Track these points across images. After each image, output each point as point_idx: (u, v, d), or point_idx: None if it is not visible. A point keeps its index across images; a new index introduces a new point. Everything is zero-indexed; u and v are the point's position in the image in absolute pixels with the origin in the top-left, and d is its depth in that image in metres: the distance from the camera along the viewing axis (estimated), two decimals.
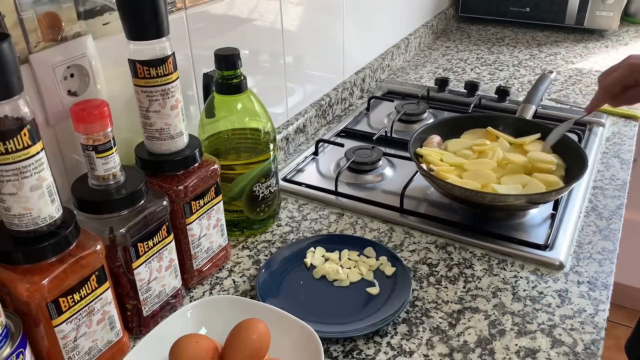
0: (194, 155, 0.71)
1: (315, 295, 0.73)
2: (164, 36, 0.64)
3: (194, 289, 0.76)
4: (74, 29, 0.65)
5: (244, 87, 0.79)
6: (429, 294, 0.74)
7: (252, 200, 0.83)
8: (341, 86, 1.28)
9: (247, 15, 0.93)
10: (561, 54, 1.59)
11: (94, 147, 0.60)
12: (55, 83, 0.63)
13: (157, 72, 0.65)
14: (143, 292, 0.66)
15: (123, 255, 0.63)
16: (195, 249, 0.74)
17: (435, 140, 0.97)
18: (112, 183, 0.63)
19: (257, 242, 0.85)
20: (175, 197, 0.69)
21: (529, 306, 0.71)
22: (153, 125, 0.68)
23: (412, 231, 0.86)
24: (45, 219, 0.54)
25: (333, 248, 0.81)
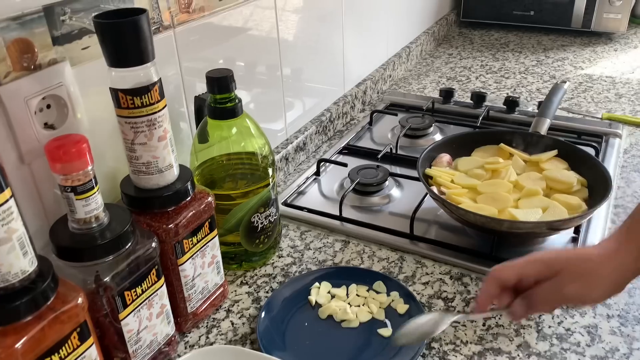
0: (186, 188, 0.65)
1: (322, 339, 0.66)
2: (149, 61, 0.58)
3: (189, 333, 0.70)
4: (49, 56, 0.59)
5: (238, 111, 0.73)
6: (447, 333, 0.67)
7: (251, 232, 0.77)
8: (342, 99, 1.22)
9: (241, 24, 0.87)
10: (569, 59, 1.53)
11: (73, 188, 0.54)
12: (28, 116, 0.57)
13: (142, 102, 0.58)
14: (132, 344, 0.60)
15: (108, 305, 0.57)
16: (188, 291, 0.67)
17: (444, 159, 0.90)
18: (95, 226, 0.56)
19: (256, 276, 0.79)
20: (166, 236, 0.63)
21: (555, 345, 0.65)
22: (139, 159, 0.61)
23: (424, 260, 0.80)
24: (16, 274, 0.48)
25: (340, 283, 0.74)
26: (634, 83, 1.35)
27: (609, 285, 0.57)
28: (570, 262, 0.58)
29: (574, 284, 0.56)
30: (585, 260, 0.58)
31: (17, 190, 0.59)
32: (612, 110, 1.21)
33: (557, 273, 0.57)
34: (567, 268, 0.57)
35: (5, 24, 0.54)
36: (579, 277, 0.57)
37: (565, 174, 0.83)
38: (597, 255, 0.58)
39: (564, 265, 0.57)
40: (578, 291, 0.57)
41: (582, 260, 0.58)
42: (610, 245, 0.58)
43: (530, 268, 0.59)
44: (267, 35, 0.94)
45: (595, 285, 0.57)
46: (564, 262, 0.58)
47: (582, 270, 0.57)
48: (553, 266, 0.58)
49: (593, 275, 0.57)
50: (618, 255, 0.57)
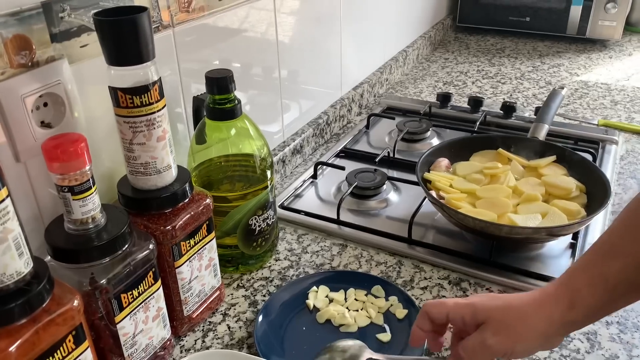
0: (184, 190, 0.64)
1: (320, 343, 0.65)
2: (149, 60, 0.57)
3: (185, 337, 0.69)
4: (47, 53, 0.58)
5: (238, 112, 0.72)
6: (446, 339, 0.67)
7: (248, 235, 0.76)
8: (339, 102, 1.21)
9: (239, 25, 0.87)
10: (564, 65, 1.54)
11: (70, 188, 0.53)
12: (25, 114, 0.56)
13: (142, 101, 0.57)
14: (128, 348, 0.59)
15: (104, 307, 0.56)
16: (185, 294, 0.66)
17: (443, 163, 0.90)
18: (92, 227, 0.55)
19: (253, 279, 0.78)
20: (163, 238, 0.62)
21: (555, 352, 0.65)
22: (137, 159, 0.60)
23: (423, 264, 0.79)
24: (11, 275, 0.47)
25: (338, 287, 0.74)
26: (629, 90, 1.36)
27: (536, 339, 0.52)
28: (495, 312, 0.53)
29: (497, 337, 0.52)
30: (510, 310, 0.53)
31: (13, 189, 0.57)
32: (608, 117, 1.22)
33: (482, 322, 0.53)
34: (491, 317, 0.53)
35: (3, 20, 0.53)
36: (502, 329, 0.52)
37: (564, 179, 0.83)
38: (525, 304, 0.53)
39: (489, 315, 0.53)
40: (501, 344, 0.52)
41: (506, 309, 0.53)
42: (543, 293, 0.53)
43: (457, 312, 0.55)
44: (265, 36, 0.94)
45: (520, 337, 0.52)
46: (488, 312, 0.53)
47: (505, 320, 0.53)
48: (477, 315, 0.54)
49: (517, 326, 0.52)
50: (547, 305, 0.52)
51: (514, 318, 0.53)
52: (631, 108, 1.26)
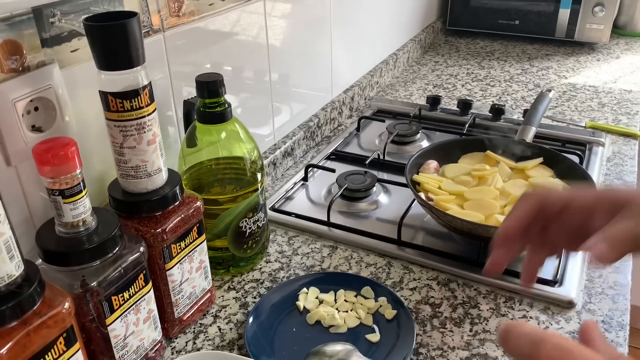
0: (174, 193, 0.65)
1: (310, 344, 0.66)
2: (139, 65, 0.58)
3: (176, 339, 0.69)
4: (38, 58, 0.58)
5: (228, 116, 0.73)
6: (434, 339, 0.68)
7: (239, 237, 0.77)
8: (330, 105, 1.22)
9: (230, 29, 0.87)
10: (553, 67, 1.55)
11: (61, 192, 0.53)
12: (16, 119, 0.57)
13: (132, 105, 0.58)
14: (119, 350, 0.59)
15: (95, 310, 0.56)
16: (176, 296, 0.67)
17: (432, 165, 0.91)
18: (82, 230, 0.56)
19: (244, 281, 0.79)
20: (154, 241, 0.62)
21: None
22: (128, 163, 0.61)
23: (412, 266, 0.80)
24: (2, 278, 0.47)
25: (328, 288, 0.74)
26: (616, 92, 1.37)
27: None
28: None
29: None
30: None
31: (3, 193, 0.58)
32: (595, 119, 1.23)
33: (623, 208, 0.47)
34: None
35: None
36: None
37: (551, 181, 0.84)
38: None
39: (634, 198, 0.47)
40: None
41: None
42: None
43: (585, 198, 0.50)
44: (256, 40, 0.94)
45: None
46: (632, 196, 0.48)
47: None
48: (618, 200, 0.48)
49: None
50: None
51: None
52: (618, 110, 1.27)
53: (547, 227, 0.55)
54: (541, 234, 0.55)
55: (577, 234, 0.52)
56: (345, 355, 0.63)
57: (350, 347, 0.64)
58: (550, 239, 0.55)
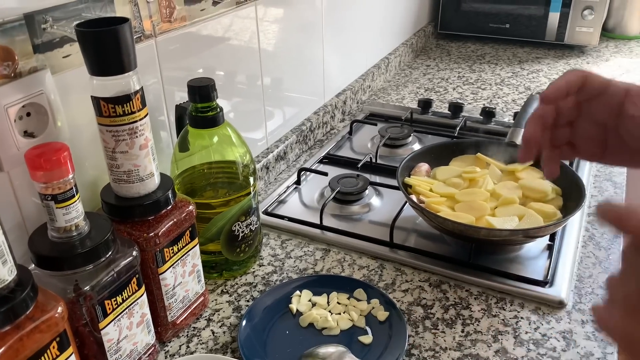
0: (167, 197, 0.65)
1: (303, 346, 0.66)
2: (131, 70, 0.58)
3: (169, 343, 0.69)
4: (30, 64, 0.59)
5: (220, 120, 0.73)
6: (426, 340, 0.68)
7: (232, 241, 0.77)
8: (322, 109, 1.23)
9: (222, 34, 0.88)
10: (543, 70, 1.57)
11: (53, 197, 0.54)
12: (8, 124, 0.57)
13: (124, 110, 0.58)
14: (112, 354, 0.60)
15: (88, 314, 0.57)
16: (169, 300, 0.67)
17: (423, 168, 0.92)
18: (75, 234, 0.56)
19: (237, 285, 0.79)
20: (146, 245, 0.62)
21: (532, 351, 0.66)
22: (120, 167, 0.61)
23: (404, 268, 0.81)
24: None
25: (320, 291, 0.75)
26: None
27: None
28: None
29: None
30: None
31: None
32: None
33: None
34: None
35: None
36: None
37: (541, 183, 0.85)
38: None
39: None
40: None
41: None
42: None
43: (620, 85, 0.53)
44: (248, 45, 0.95)
45: None
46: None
47: None
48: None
49: None
50: None
51: None
52: None
53: (575, 123, 0.57)
54: (564, 131, 0.57)
55: (601, 134, 0.55)
56: (338, 357, 0.64)
57: (343, 348, 0.65)
58: (576, 135, 0.58)
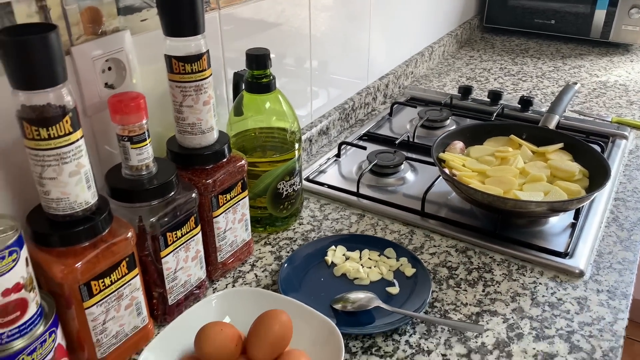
0: (223, 150, 0.73)
1: (336, 292, 0.74)
2: (200, 33, 0.66)
3: (217, 282, 0.78)
4: (114, 24, 0.67)
5: (272, 87, 0.81)
6: (448, 296, 0.75)
7: (276, 198, 0.85)
8: (365, 91, 1.29)
9: (274, 19, 0.95)
10: (585, 66, 1.59)
11: (129, 138, 0.62)
12: (94, 75, 0.66)
13: (192, 68, 0.67)
14: (169, 281, 0.68)
15: (152, 244, 0.65)
16: (220, 242, 0.75)
17: (458, 146, 0.97)
18: (145, 173, 0.65)
19: (279, 239, 0.87)
20: (204, 190, 0.71)
21: (547, 312, 0.72)
22: (185, 120, 0.70)
23: (433, 234, 0.87)
24: (81, 204, 0.57)
25: (354, 247, 0.82)
26: None
27: None
28: None
29: None
30: None
31: None
32: (623, 116, 1.27)
33: None
34: None
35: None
36: None
37: (569, 164, 0.90)
38: None
39: None
40: None
41: None
42: None
43: None
44: (298, 30, 1.02)
45: None
46: None
47: None
48: None
49: None
50: None
51: None
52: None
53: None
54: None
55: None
56: (367, 302, 0.71)
57: (371, 295, 0.71)
58: None
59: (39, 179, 0.54)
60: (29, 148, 0.53)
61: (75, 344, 0.60)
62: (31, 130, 0.52)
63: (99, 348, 0.61)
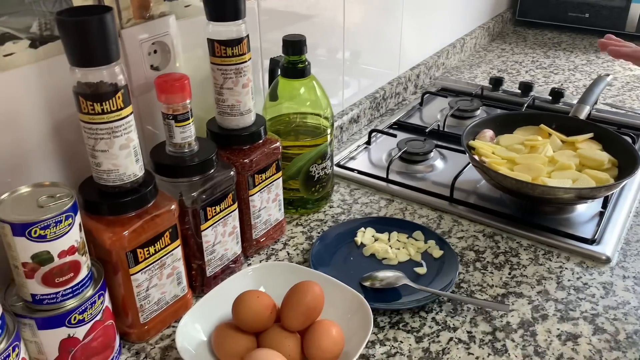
0: (260, 132, 0.76)
1: (365, 270, 0.76)
2: (241, 19, 0.69)
3: (252, 258, 0.81)
4: (160, 9, 0.71)
5: (307, 72, 0.84)
6: (475, 277, 0.77)
7: (308, 180, 0.88)
8: (396, 80, 1.31)
9: (308, 11, 0.98)
10: (620, 60, 1.57)
11: (174, 117, 0.66)
12: (141, 57, 0.70)
13: (233, 52, 0.70)
14: (208, 254, 0.72)
15: (193, 218, 0.69)
16: (255, 220, 0.79)
17: (488, 134, 0.99)
18: (187, 151, 0.68)
19: (310, 220, 0.90)
20: (241, 169, 0.74)
21: (572, 295, 0.73)
22: (225, 102, 0.73)
23: (461, 220, 0.89)
24: (130, 176, 0.60)
25: (383, 229, 0.84)
26: None
27: None
28: None
29: None
30: None
31: None
32: None
33: None
34: None
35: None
36: None
37: (598, 153, 0.90)
38: None
39: None
40: None
41: None
42: None
43: None
44: (331, 22, 1.05)
45: None
46: None
47: None
48: None
49: None
50: None
51: None
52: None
53: None
54: None
55: None
56: (395, 280, 0.73)
57: (399, 274, 0.74)
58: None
59: (92, 151, 0.58)
60: (83, 122, 0.57)
61: (120, 309, 0.64)
62: (86, 105, 0.56)
63: (142, 313, 0.65)
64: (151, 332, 0.67)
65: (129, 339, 0.67)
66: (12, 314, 0.55)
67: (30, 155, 0.62)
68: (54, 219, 0.52)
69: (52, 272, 0.54)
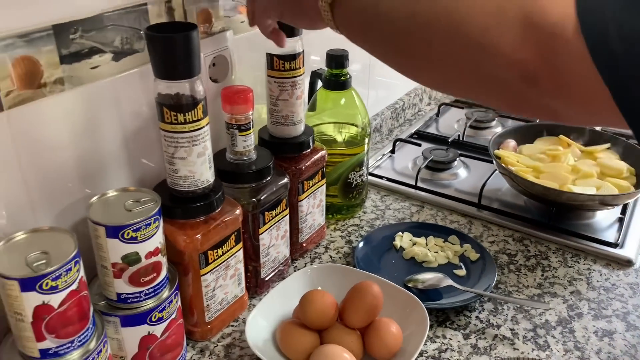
0: (309, 141, 0.81)
1: (407, 273, 0.81)
2: (298, 35, 0.74)
3: (297, 261, 0.85)
4: (220, 25, 0.75)
5: (349, 85, 0.88)
6: (510, 279, 0.82)
7: (347, 187, 0.92)
8: (413, 92, 1.36)
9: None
10: None
11: (238, 126, 0.70)
12: (204, 70, 0.74)
13: (290, 66, 0.74)
14: (263, 256, 0.76)
15: (252, 222, 0.73)
16: (302, 224, 0.83)
17: (511, 144, 1.04)
18: (246, 159, 0.72)
19: (347, 225, 0.94)
20: (293, 175, 0.78)
21: (603, 295, 0.79)
22: (280, 112, 0.77)
23: (490, 225, 0.94)
24: (203, 182, 0.64)
25: (419, 233, 0.89)
26: None
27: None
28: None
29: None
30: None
31: None
32: None
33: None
34: None
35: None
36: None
37: (617, 162, 0.96)
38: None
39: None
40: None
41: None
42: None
43: None
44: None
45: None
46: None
47: None
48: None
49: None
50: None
51: None
52: None
53: None
54: None
55: None
56: (437, 281, 0.78)
57: (441, 275, 0.79)
58: None
59: (170, 158, 0.62)
60: (165, 131, 0.61)
61: (186, 309, 0.68)
62: (170, 115, 0.59)
63: (207, 312, 0.69)
64: (213, 331, 0.71)
65: (193, 337, 0.70)
66: (99, 313, 0.58)
67: (105, 162, 0.66)
68: (144, 222, 0.56)
69: (138, 272, 0.57)
